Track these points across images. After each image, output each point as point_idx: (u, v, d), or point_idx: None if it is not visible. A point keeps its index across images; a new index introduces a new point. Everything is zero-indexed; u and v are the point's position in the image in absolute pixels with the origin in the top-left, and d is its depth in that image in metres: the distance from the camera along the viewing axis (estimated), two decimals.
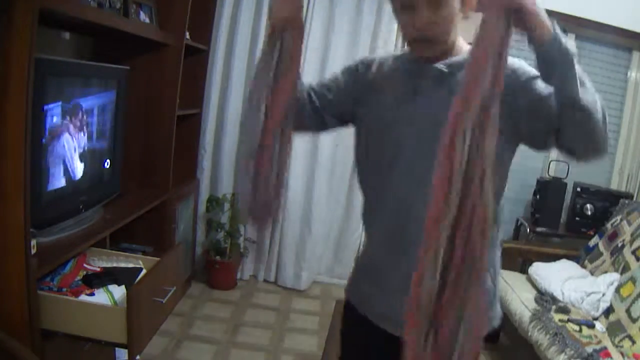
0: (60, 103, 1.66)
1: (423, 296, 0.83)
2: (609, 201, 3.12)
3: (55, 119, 1.64)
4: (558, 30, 0.87)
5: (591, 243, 2.81)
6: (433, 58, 1.07)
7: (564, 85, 0.90)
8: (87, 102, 1.84)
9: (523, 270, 2.85)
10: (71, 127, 1.75)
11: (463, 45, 1.09)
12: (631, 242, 2.49)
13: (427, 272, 0.83)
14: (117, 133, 2.12)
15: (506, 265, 2.84)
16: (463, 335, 0.83)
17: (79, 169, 1.85)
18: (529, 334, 2.22)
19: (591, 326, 2.17)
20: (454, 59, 1.06)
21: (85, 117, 1.84)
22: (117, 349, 2.00)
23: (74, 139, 1.79)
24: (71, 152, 1.78)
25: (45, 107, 1.56)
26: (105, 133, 2.02)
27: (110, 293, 1.62)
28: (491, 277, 1.14)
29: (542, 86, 0.98)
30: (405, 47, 1.15)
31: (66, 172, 1.76)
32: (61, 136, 1.69)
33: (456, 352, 0.83)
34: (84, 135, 1.85)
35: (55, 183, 1.70)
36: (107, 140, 2.04)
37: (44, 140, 1.57)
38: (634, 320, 2.11)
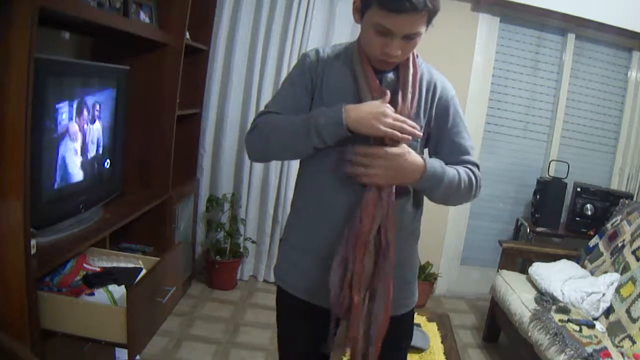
0: (60, 103, 1.66)
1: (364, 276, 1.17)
2: (609, 201, 3.12)
3: (55, 119, 1.63)
4: (427, 174, 1.15)
5: (591, 243, 2.81)
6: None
7: (436, 198, 1.22)
8: (87, 102, 1.84)
9: (523, 270, 2.85)
10: (71, 127, 1.75)
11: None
12: (631, 242, 2.49)
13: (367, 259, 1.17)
14: (117, 133, 2.12)
15: (506, 265, 2.86)
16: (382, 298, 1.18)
17: (79, 168, 1.85)
18: (529, 334, 2.22)
19: (591, 326, 2.17)
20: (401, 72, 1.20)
21: (85, 117, 1.84)
22: (117, 349, 2.00)
23: (74, 139, 1.78)
24: (71, 152, 1.78)
25: (45, 108, 1.56)
26: (105, 133, 2.02)
27: (110, 293, 1.62)
28: (413, 265, 1.35)
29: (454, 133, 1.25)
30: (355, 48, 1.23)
31: (66, 172, 1.76)
32: (61, 136, 1.69)
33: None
34: (84, 135, 1.85)
35: (55, 183, 1.70)
36: (107, 140, 2.04)
37: (43, 140, 1.57)
38: (634, 321, 2.11)
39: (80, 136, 1.83)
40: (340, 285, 1.17)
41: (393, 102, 1.16)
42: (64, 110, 1.69)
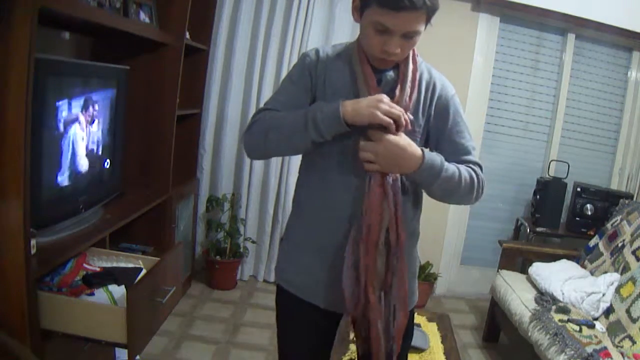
0: (60, 103, 1.66)
1: (378, 272, 1.18)
2: (609, 201, 3.12)
3: (54, 119, 1.63)
4: (425, 164, 1.13)
5: (591, 243, 2.81)
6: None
7: (434, 193, 1.20)
8: (87, 102, 1.84)
9: (523, 270, 2.85)
10: (71, 127, 1.75)
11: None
12: (631, 242, 2.49)
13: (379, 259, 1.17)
14: (117, 133, 2.12)
15: (506, 265, 2.86)
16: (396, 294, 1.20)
17: (78, 169, 1.85)
18: (529, 334, 2.22)
19: (591, 326, 2.17)
20: (400, 70, 1.20)
21: (85, 117, 1.84)
22: (117, 349, 2.00)
23: (74, 139, 1.78)
24: (71, 152, 1.78)
25: (45, 108, 1.56)
26: (105, 133, 2.02)
27: (110, 293, 1.62)
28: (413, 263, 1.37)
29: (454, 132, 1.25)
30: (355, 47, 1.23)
31: (66, 172, 1.76)
32: (61, 136, 1.69)
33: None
34: (84, 135, 1.85)
35: (55, 183, 1.69)
36: (107, 140, 2.04)
37: (43, 141, 1.57)
38: (634, 321, 2.11)
39: (80, 136, 1.83)
40: (354, 287, 1.17)
41: (391, 96, 1.16)
42: (64, 110, 1.69)
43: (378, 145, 1.12)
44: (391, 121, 1.10)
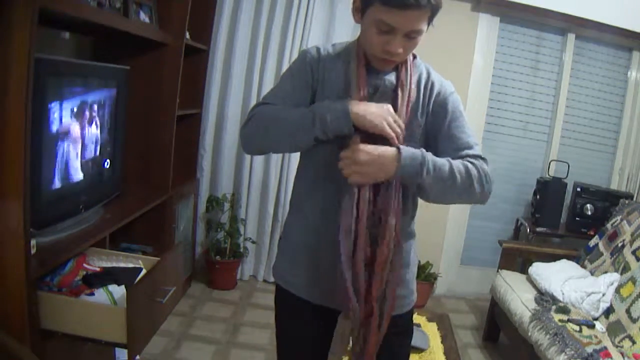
0: (60, 103, 1.66)
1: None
2: (609, 201, 3.12)
3: (55, 120, 1.63)
4: (403, 158, 1.09)
5: (591, 243, 2.81)
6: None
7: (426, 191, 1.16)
8: (86, 102, 1.84)
9: (523, 270, 2.85)
10: (71, 127, 1.75)
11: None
12: (631, 242, 2.49)
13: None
14: (117, 133, 2.12)
15: (506, 265, 2.86)
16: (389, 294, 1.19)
17: (78, 169, 1.85)
18: (529, 334, 2.22)
19: (591, 326, 2.17)
20: (400, 74, 1.19)
21: (85, 117, 1.84)
22: (117, 349, 2.00)
23: (74, 139, 1.78)
24: (71, 152, 1.78)
25: (45, 108, 1.56)
26: (105, 133, 2.02)
27: (110, 293, 1.62)
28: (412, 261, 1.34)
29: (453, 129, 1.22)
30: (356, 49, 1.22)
31: (66, 172, 1.76)
32: (61, 136, 1.69)
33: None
34: (84, 135, 1.85)
35: (55, 183, 1.69)
36: (107, 140, 2.04)
37: (43, 141, 1.57)
38: (634, 321, 2.11)
39: (80, 136, 1.83)
40: (354, 277, 1.15)
41: (392, 104, 1.15)
42: (64, 111, 1.69)
43: (357, 154, 1.09)
44: (399, 132, 1.11)
